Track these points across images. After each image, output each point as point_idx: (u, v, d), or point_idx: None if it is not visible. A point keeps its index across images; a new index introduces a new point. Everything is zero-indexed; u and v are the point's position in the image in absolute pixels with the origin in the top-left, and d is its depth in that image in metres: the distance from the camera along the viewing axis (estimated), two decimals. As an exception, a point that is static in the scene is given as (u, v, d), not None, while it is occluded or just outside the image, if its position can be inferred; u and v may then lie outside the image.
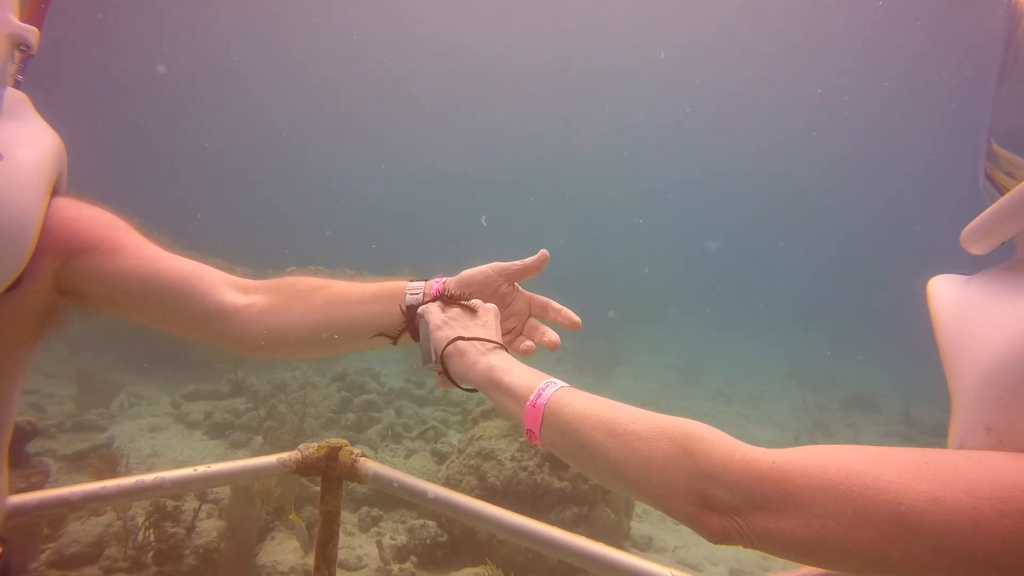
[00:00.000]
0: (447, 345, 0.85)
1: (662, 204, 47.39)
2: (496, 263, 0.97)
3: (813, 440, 9.43)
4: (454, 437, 6.98)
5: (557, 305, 0.99)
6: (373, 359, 10.74)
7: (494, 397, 0.80)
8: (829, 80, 30.18)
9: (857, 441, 9.59)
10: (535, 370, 0.81)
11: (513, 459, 4.50)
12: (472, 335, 0.85)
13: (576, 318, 0.97)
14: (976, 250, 0.68)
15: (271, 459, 1.76)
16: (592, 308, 16.63)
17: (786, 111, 34.86)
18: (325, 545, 1.89)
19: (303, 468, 1.81)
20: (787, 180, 42.82)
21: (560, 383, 0.76)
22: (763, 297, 35.06)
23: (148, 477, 1.55)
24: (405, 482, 1.71)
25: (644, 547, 5.22)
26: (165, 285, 0.93)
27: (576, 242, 39.96)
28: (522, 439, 4.61)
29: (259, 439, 6.84)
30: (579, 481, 4.32)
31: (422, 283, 0.98)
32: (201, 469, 1.70)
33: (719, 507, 0.56)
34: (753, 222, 46.42)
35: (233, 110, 36.07)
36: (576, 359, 12.96)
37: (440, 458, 6.31)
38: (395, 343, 0.98)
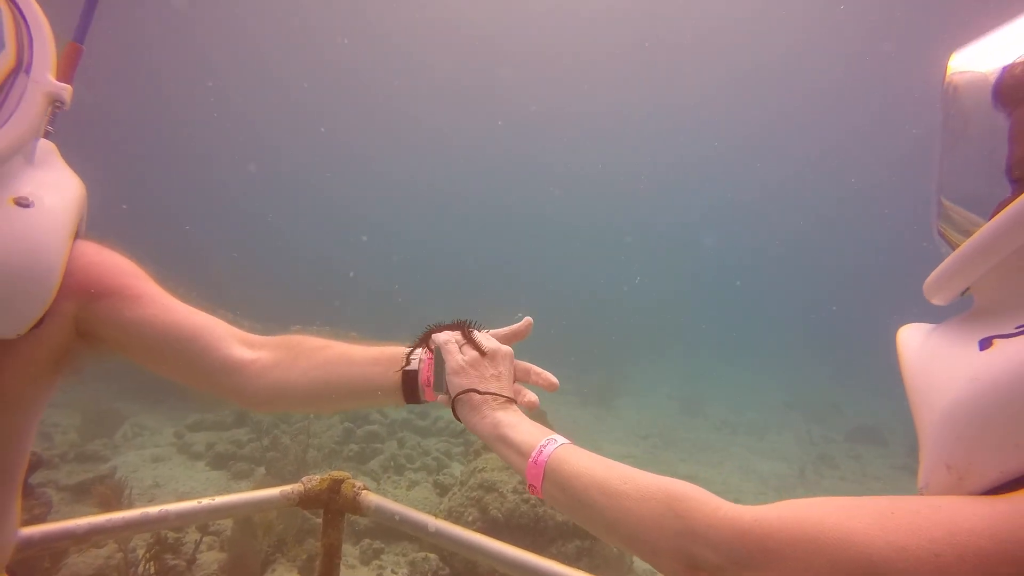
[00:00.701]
0: (460, 393, 0.90)
1: (665, 235, 47.52)
2: (487, 331, 1.03)
3: (819, 473, 9.34)
4: (456, 468, 6.94)
5: (538, 369, 1.03)
6: (376, 389, 10.72)
7: (499, 450, 0.85)
8: (845, 121, 30.58)
9: (864, 475, 9.51)
10: (539, 426, 0.85)
11: (515, 491, 4.49)
12: (485, 388, 0.89)
13: (554, 380, 1.02)
14: (937, 301, 0.73)
15: (274, 492, 1.79)
16: (594, 340, 16.66)
17: (793, 147, 35.24)
18: (326, 578, 1.90)
19: (305, 501, 1.83)
20: (792, 209, 43.04)
21: (561, 440, 0.80)
22: (766, 326, 34.92)
23: (153, 509, 1.58)
24: (406, 515, 1.73)
25: (647, 582, 5.15)
26: (178, 338, 0.98)
27: (578, 274, 40.11)
28: (524, 471, 4.61)
29: (262, 470, 6.82)
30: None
31: (420, 351, 1.02)
32: (205, 502, 1.73)
33: (705, 566, 0.59)
34: (757, 251, 46.49)
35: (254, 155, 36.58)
36: (579, 392, 12.91)
37: (442, 490, 6.28)
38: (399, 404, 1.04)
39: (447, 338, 0.96)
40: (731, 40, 28.00)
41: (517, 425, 0.85)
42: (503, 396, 0.90)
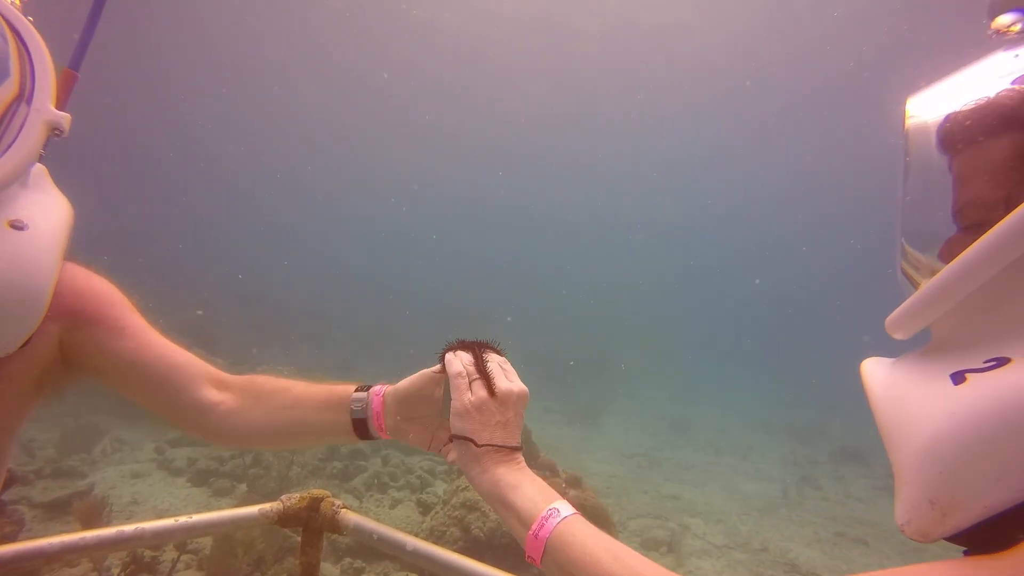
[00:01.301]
0: (459, 437, 0.86)
1: (656, 256, 47.85)
2: (423, 371, 1.03)
3: (802, 493, 9.37)
4: (440, 487, 6.90)
5: None
6: (361, 406, 10.65)
7: (498, 511, 0.81)
8: (832, 136, 31.03)
9: (847, 495, 9.55)
10: (543, 487, 0.80)
11: (498, 511, 4.47)
12: (488, 439, 0.84)
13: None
14: (899, 336, 0.75)
15: (252, 510, 1.78)
16: (583, 358, 16.68)
17: (779, 166, 35.68)
18: (303, 597, 1.89)
19: (284, 519, 1.83)
20: (779, 231, 43.51)
21: (566, 511, 0.76)
22: (753, 347, 35.12)
23: (128, 528, 1.56)
24: (385, 534, 1.73)
25: (630, 603, 5.13)
26: (155, 376, 1.04)
27: (569, 294, 40.21)
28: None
29: (243, 487, 6.74)
30: (564, 534, 4.29)
31: (365, 394, 1.07)
32: (182, 519, 1.72)
33: None
34: (744, 273, 46.87)
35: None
36: (565, 409, 12.91)
37: (425, 508, 6.23)
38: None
39: (458, 371, 0.89)
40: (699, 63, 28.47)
41: (519, 486, 0.80)
42: (507, 447, 0.85)
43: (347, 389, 1.10)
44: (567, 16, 26.82)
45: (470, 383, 0.87)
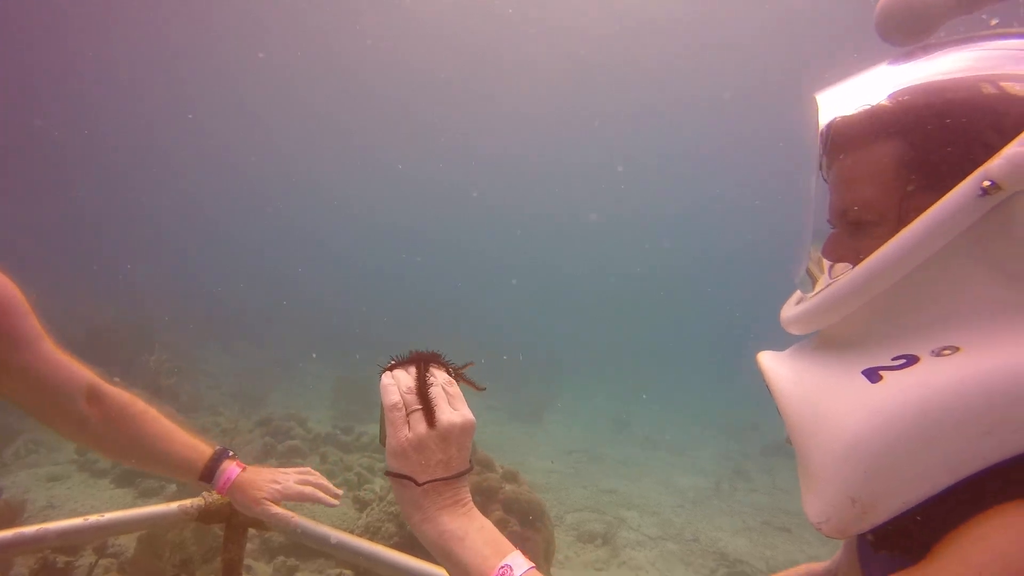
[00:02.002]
0: (396, 477, 0.77)
1: (595, 251, 48.56)
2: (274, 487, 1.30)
3: (733, 486, 9.73)
4: (378, 484, 6.84)
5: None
6: (301, 404, 10.46)
7: (445, 566, 0.75)
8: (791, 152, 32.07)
9: (774, 487, 9.98)
10: (492, 537, 0.74)
11: (435, 506, 4.47)
12: (430, 476, 0.75)
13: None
14: (796, 331, 0.79)
15: (172, 506, 1.74)
16: (526, 357, 16.80)
17: (743, 172, 36.56)
18: (226, 595, 1.86)
19: (206, 515, 1.79)
20: (732, 238, 44.80)
21: (519, 568, 0.70)
22: (691, 345, 36.16)
23: (28, 529, 1.49)
24: (308, 528, 1.72)
25: (565, 595, 5.23)
26: (42, 387, 1.13)
27: (513, 292, 40.40)
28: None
29: (173, 487, 6.49)
30: (499, 527, 4.33)
31: (217, 468, 1.36)
32: (92, 518, 1.65)
33: None
34: (681, 272, 48.08)
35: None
36: (509, 407, 12.99)
37: (362, 505, 6.16)
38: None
39: (394, 402, 0.78)
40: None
41: (465, 537, 0.73)
42: (450, 477, 0.76)
43: (202, 454, 1.35)
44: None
45: (407, 415, 0.77)
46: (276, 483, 1.51)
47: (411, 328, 16.72)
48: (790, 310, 0.80)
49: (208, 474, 1.46)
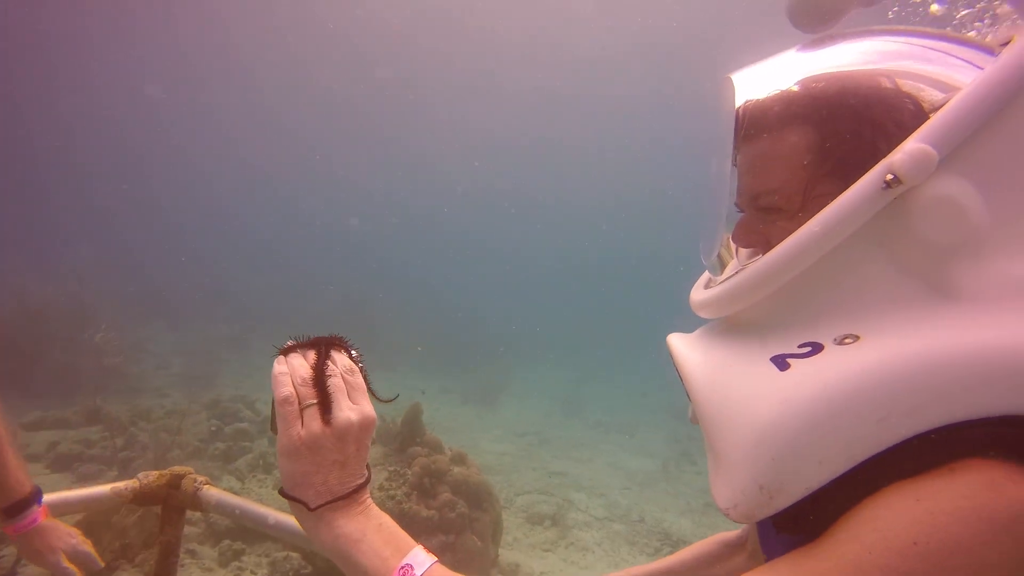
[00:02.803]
0: (291, 499, 0.71)
1: (552, 238, 48.79)
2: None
3: (680, 468, 10.02)
4: (329, 467, 6.81)
5: None
6: (250, 386, 10.27)
7: (344, 570, 0.70)
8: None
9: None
10: (391, 534, 0.71)
11: (381, 488, 4.50)
12: (323, 487, 0.70)
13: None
14: (706, 315, 0.81)
15: (104, 489, 1.71)
16: (479, 339, 16.83)
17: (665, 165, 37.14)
18: (162, 578, 1.84)
19: (141, 497, 1.77)
20: (670, 221, 45.47)
21: (421, 564, 0.67)
22: (644, 328, 36.75)
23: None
24: (247, 509, 1.72)
25: (511, 574, 5.33)
26: None
27: (465, 273, 40.29)
28: (391, 468, 4.62)
29: (114, 472, 6.32)
30: (446, 510, 4.39)
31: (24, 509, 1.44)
32: None
33: None
34: (636, 257, 48.74)
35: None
36: (462, 390, 13.04)
37: (312, 489, 6.14)
38: None
39: (285, 395, 0.70)
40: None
41: (362, 539, 0.69)
42: (344, 492, 0.70)
43: (20, 487, 1.42)
44: None
45: (301, 410, 0.70)
46: (72, 538, 1.53)
47: (360, 306, 16.52)
48: (700, 294, 0.82)
49: (15, 509, 1.44)
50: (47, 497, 1.56)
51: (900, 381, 0.53)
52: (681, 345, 0.83)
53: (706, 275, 0.91)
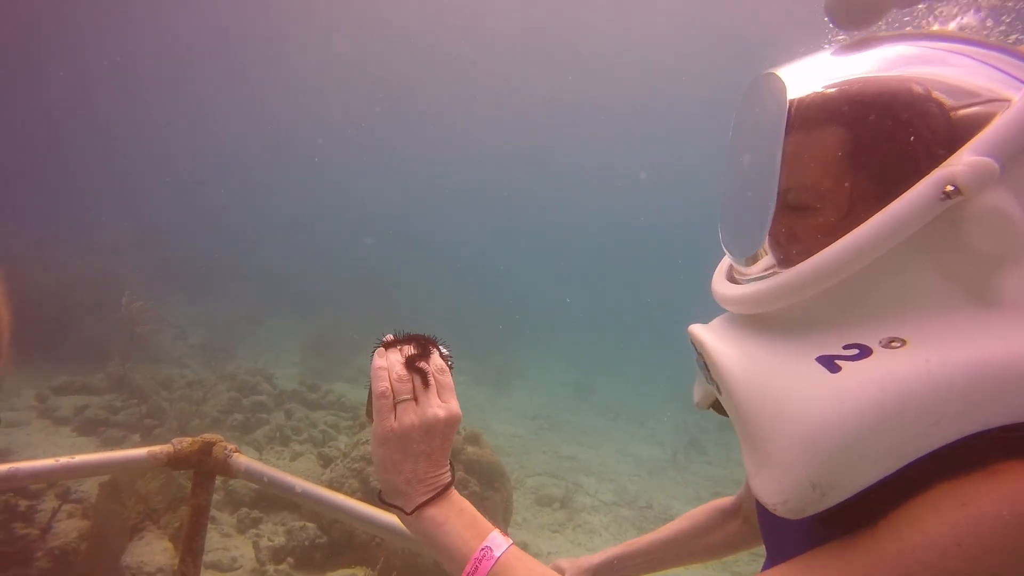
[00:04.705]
0: (390, 507, 0.79)
1: (570, 223, 48.59)
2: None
3: (688, 457, 10.08)
4: (343, 441, 6.95)
5: None
6: (267, 360, 10.46)
7: (429, 550, 0.77)
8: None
9: (728, 460, 10.34)
10: (472, 519, 0.76)
11: (398, 464, 4.59)
12: (412, 476, 0.77)
13: None
14: (740, 310, 0.80)
15: (141, 451, 1.79)
16: (492, 323, 16.93)
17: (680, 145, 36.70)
18: (192, 538, 1.92)
19: (175, 461, 1.84)
20: (686, 205, 45.07)
21: (500, 546, 0.73)
22: (654, 318, 36.66)
23: (0, 467, 1.52)
24: (275, 477, 1.80)
25: (520, 553, 5.44)
26: None
27: (484, 256, 40.32)
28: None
29: (136, 438, 6.52)
30: (459, 488, 4.47)
31: None
32: (63, 459, 1.69)
33: None
34: (650, 244, 48.41)
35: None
36: (474, 373, 13.15)
37: (326, 461, 6.28)
38: None
39: (382, 390, 0.77)
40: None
41: (445, 523, 0.75)
42: (427, 480, 0.77)
43: None
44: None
45: (395, 405, 0.77)
46: None
47: (383, 292, 16.66)
48: (728, 288, 0.82)
49: None
50: (83, 458, 1.63)
51: (952, 387, 0.55)
52: (710, 337, 0.82)
53: (724, 264, 0.91)
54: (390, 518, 1.59)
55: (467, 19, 30.46)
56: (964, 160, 0.60)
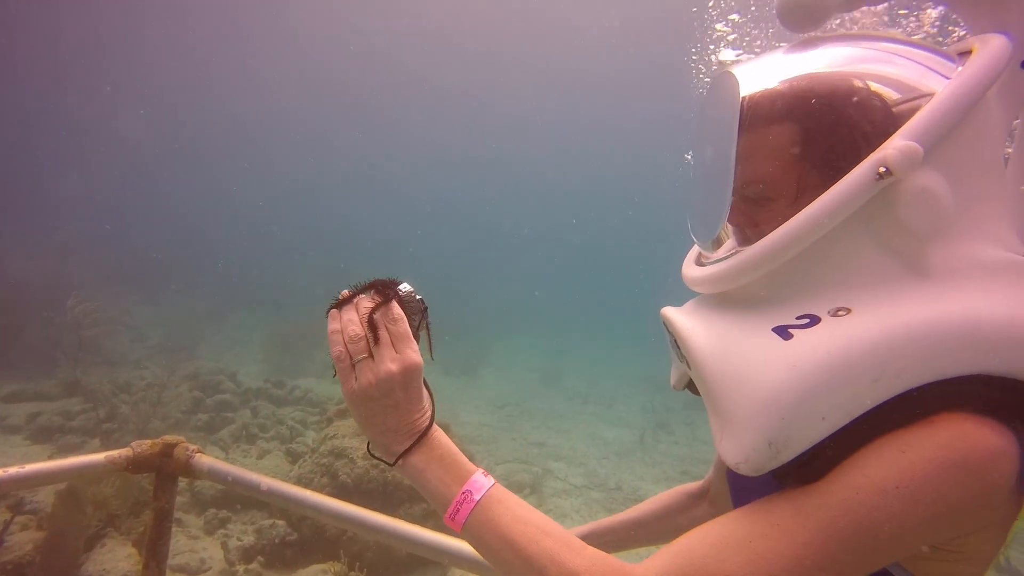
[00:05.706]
0: (361, 430, 0.81)
1: (534, 214, 48.66)
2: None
3: (656, 438, 10.26)
4: (310, 437, 6.87)
5: None
6: (230, 358, 10.25)
7: (420, 492, 0.79)
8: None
9: (694, 439, 10.54)
10: (453, 462, 0.77)
11: (365, 457, 4.58)
12: (384, 423, 0.77)
13: None
14: (704, 290, 0.86)
15: (99, 457, 1.74)
16: (459, 311, 16.89)
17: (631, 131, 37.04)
18: (156, 543, 1.88)
19: (135, 465, 1.80)
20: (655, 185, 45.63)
21: (482, 486, 0.74)
22: (622, 299, 37.11)
23: (-63, 482, 1.47)
24: (239, 476, 1.77)
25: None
26: None
27: (448, 246, 40.12)
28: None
29: (96, 443, 6.33)
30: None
31: None
32: (12, 470, 1.62)
33: None
34: (615, 228, 48.85)
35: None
36: (443, 361, 13.09)
37: (294, 458, 6.21)
38: None
39: (338, 353, 0.76)
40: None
41: (425, 469, 0.76)
42: (402, 429, 0.77)
43: None
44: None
45: (352, 366, 0.76)
46: None
47: (344, 280, 16.43)
48: (697, 270, 0.88)
49: None
50: (42, 465, 1.58)
51: (890, 348, 0.61)
52: (679, 317, 0.88)
53: (694, 251, 0.98)
54: (357, 511, 1.58)
55: (432, 33, 30.14)
56: (894, 144, 0.66)
